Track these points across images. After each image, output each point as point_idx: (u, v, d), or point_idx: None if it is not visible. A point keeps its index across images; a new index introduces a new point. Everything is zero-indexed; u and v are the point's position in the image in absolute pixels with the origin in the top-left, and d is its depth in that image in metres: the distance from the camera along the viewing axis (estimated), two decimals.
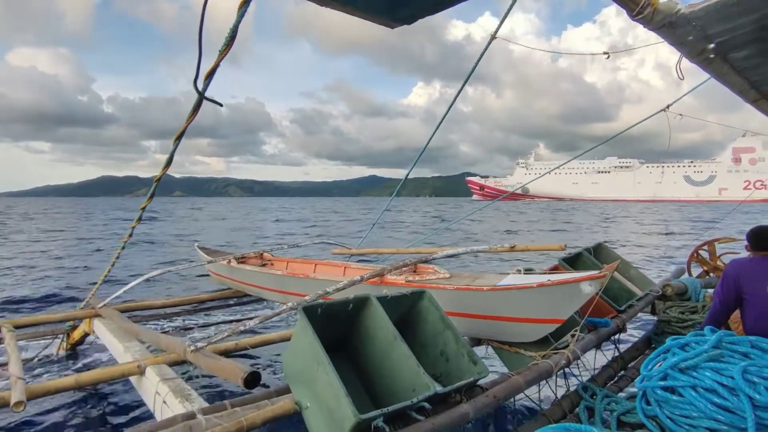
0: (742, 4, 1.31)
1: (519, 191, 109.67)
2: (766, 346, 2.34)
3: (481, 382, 2.43)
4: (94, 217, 40.85)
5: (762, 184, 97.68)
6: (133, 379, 3.17)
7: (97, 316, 4.68)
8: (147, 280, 5.22)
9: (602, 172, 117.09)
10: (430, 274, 3.76)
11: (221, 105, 1.60)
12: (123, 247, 3.86)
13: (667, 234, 23.77)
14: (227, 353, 3.32)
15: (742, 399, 2.05)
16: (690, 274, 5.16)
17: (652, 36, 1.58)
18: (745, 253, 3.00)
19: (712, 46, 1.58)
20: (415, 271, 3.97)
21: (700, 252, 5.22)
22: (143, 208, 2.76)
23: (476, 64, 3.54)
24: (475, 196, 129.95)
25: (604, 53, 3.07)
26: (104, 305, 4.81)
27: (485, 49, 3.33)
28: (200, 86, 1.62)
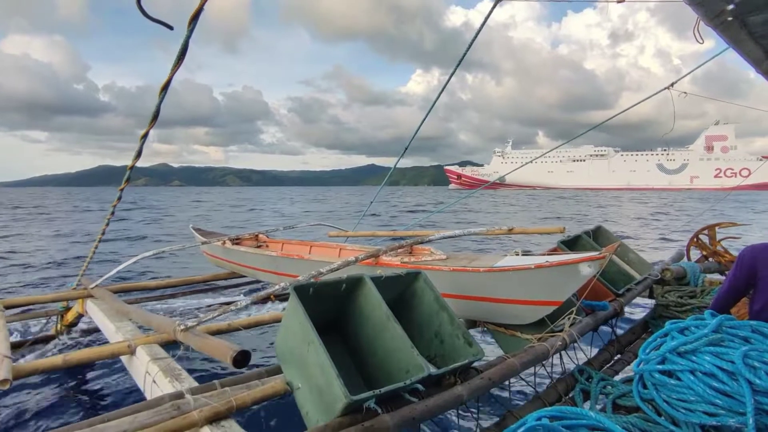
0: None
1: (497, 180, 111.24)
2: (767, 332, 2.30)
3: (476, 364, 2.39)
4: (92, 206, 40.60)
5: (732, 172, 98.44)
6: (123, 358, 3.13)
7: (90, 296, 4.63)
8: (140, 260, 5.15)
9: (577, 160, 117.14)
10: (426, 256, 3.70)
11: (171, 28, 1.49)
12: (107, 224, 3.82)
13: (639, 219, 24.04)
14: (219, 333, 3.28)
15: (742, 383, 2.01)
16: (689, 259, 5.12)
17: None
18: (755, 239, 2.92)
19: (731, 7, 1.48)
20: (411, 253, 3.91)
21: (700, 236, 5.16)
22: (122, 189, 2.73)
23: (478, 32, 3.41)
24: (452, 185, 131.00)
25: (618, 0, 2.90)
26: (97, 286, 4.75)
27: (489, 13, 3.20)
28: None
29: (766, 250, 2.67)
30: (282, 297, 5.60)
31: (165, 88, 2.13)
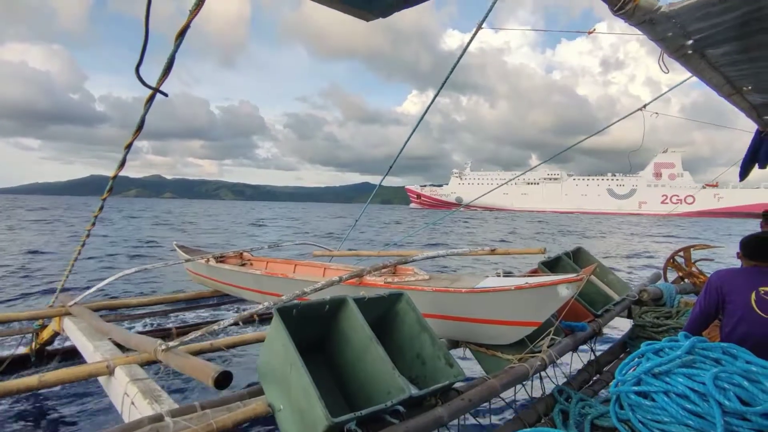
0: (723, 2, 1.33)
1: (453, 200, 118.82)
2: (737, 353, 2.37)
3: (457, 385, 2.42)
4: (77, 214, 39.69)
5: (678, 199, 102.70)
6: (101, 379, 3.07)
7: (68, 314, 4.54)
8: (122, 277, 5.08)
9: (531, 183, 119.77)
10: (409, 276, 3.74)
11: (166, 95, 1.54)
12: (88, 235, 3.76)
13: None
14: (201, 353, 3.25)
15: (712, 405, 2.07)
16: (666, 280, 5.25)
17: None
18: (726, 261, 3.03)
19: (690, 42, 1.60)
20: (394, 273, 3.95)
21: (676, 258, 5.31)
22: (104, 199, 2.73)
23: (462, 53, 3.52)
24: (412, 204, 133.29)
25: (589, 32, 3.06)
26: (75, 303, 4.67)
27: (472, 37, 3.32)
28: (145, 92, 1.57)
29: (731, 276, 2.77)
30: (265, 316, 5.57)
31: (150, 99, 2.12)
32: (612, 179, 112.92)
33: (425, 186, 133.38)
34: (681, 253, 5.32)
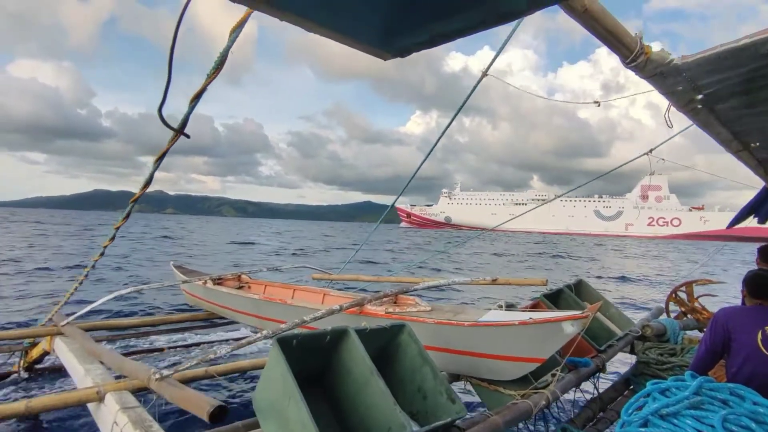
0: (733, 57, 1.34)
1: (442, 220, 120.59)
2: (744, 394, 2.32)
3: (458, 422, 2.35)
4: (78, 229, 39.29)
5: (664, 221, 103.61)
6: (91, 405, 2.98)
7: (60, 334, 4.45)
8: (116, 298, 5.01)
9: (519, 204, 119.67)
10: (411, 306, 3.68)
11: (188, 136, 1.53)
12: (93, 266, 3.70)
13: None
14: (195, 380, 3.17)
15: None
16: (668, 315, 5.19)
17: (643, 81, 1.60)
18: (729, 299, 2.99)
19: (700, 96, 1.60)
20: (395, 302, 3.89)
21: (679, 293, 5.26)
22: (117, 228, 2.64)
23: (466, 99, 3.58)
24: (403, 224, 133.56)
25: (595, 102, 3.12)
26: (68, 323, 4.58)
27: (476, 86, 3.38)
28: (185, 108, 1.57)
29: (737, 314, 2.73)
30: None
31: (160, 158, 2.06)
32: (599, 201, 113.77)
33: (415, 206, 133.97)
34: (683, 288, 5.28)
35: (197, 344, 6.48)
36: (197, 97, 1.41)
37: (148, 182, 2.07)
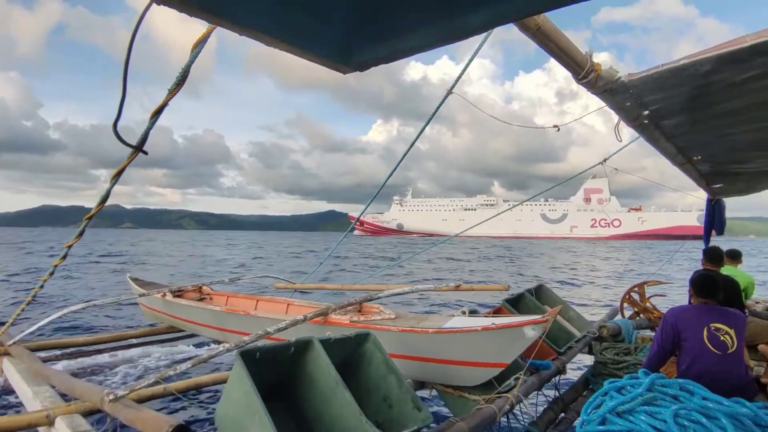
0: (674, 77, 1.43)
1: (394, 227, 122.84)
2: (694, 389, 2.45)
3: (424, 430, 2.36)
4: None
5: (606, 222, 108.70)
6: (41, 430, 2.81)
7: (7, 354, 4.18)
8: (65, 315, 4.74)
9: (469, 209, 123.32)
10: (375, 315, 3.68)
11: (146, 153, 1.49)
12: (41, 286, 3.50)
13: None
14: (153, 398, 3.04)
15: None
16: (623, 315, 5.42)
17: (594, 99, 1.69)
18: (677, 295, 3.15)
19: (646, 113, 1.70)
20: (360, 311, 3.88)
21: (632, 294, 5.51)
22: (69, 246, 2.50)
23: (431, 117, 3.64)
24: (356, 231, 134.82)
25: (554, 126, 3.25)
26: (14, 343, 4.31)
27: (440, 104, 3.44)
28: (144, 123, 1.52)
29: (685, 313, 2.88)
30: None
31: (118, 175, 1.98)
32: (545, 204, 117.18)
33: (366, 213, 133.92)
34: (636, 289, 5.53)
35: (156, 360, 6.23)
36: (158, 112, 1.37)
37: (105, 199, 1.98)
